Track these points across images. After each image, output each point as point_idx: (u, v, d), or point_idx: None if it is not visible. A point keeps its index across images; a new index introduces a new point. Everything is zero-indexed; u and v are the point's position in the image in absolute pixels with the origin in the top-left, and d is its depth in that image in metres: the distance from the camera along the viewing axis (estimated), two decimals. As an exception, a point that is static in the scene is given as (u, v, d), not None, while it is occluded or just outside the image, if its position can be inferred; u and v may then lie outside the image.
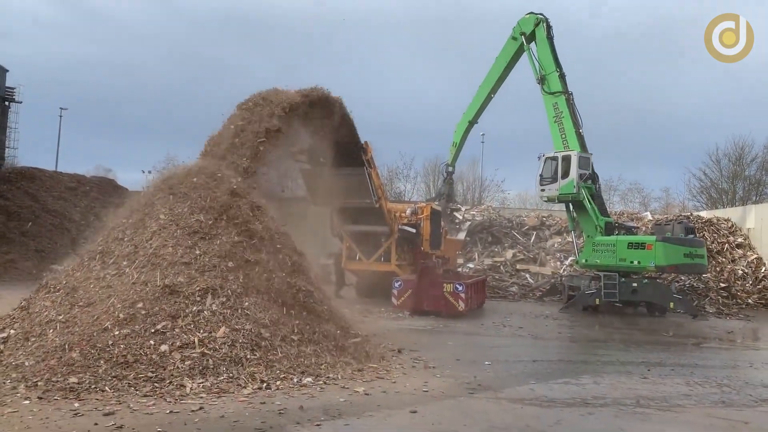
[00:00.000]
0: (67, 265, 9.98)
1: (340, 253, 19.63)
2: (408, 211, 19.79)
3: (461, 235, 27.77)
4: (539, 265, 26.89)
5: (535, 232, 29.02)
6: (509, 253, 27.73)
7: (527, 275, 26.27)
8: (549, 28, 20.97)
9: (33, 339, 8.15)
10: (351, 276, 20.51)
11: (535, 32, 21.16)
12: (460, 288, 16.54)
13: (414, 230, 18.90)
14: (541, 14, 21.21)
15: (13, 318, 8.93)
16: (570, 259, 26.22)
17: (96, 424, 6.03)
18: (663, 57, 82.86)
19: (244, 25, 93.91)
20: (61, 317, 8.41)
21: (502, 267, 26.71)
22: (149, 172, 61.35)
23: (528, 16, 21.48)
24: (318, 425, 6.36)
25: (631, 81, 78.85)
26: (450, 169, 25.59)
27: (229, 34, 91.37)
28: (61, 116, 56.24)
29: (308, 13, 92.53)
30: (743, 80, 72.80)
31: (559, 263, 26.90)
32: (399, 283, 17.01)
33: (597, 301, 19.01)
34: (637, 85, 78.40)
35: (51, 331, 8.18)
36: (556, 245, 28.27)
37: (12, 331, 8.48)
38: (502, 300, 22.83)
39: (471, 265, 26.77)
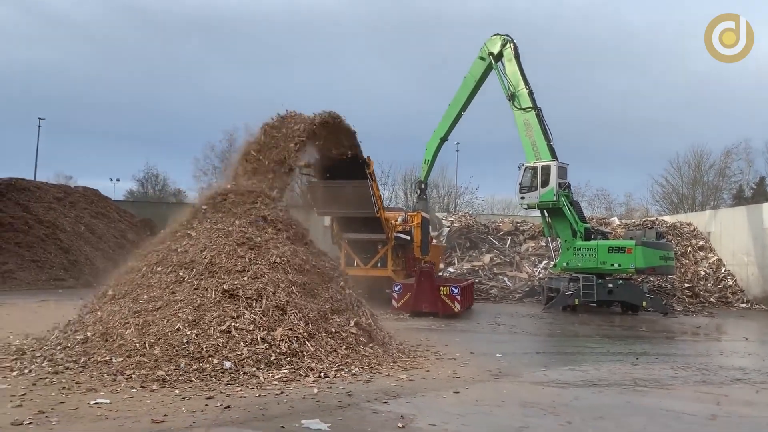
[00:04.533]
0: (123, 273, 10.98)
1: (338, 260, 20.84)
2: (399, 219, 21.16)
3: (442, 241, 29.28)
4: (515, 269, 28.56)
5: (510, 237, 30.73)
6: (486, 258, 29.36)
7: (505, 278, 27.89)
8: (515, 47, 22.33)
9: (111, 340, 9.16)
10: (346, 281, 21.74)
11: (502, 52, 22.50)
12: (456, 290, 17.97)
13: (408, 237, 20.28)
14: (507, 35, 22.49)
15: (84, 323, 9.90)
16: (544, 262, 27.98)
17: (206, 405, 7.15)
18: (627, 64, 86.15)
19: (205, 29, 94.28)
20: (133, 320, 9.42)
21: (480, 271, 28.26)
22: (117, 180, 61.50)
23: (494, 37, 22.69)
24: (386, 402, 7.62)
25: (597, 88, 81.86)
26: (423, 185, 25.73)
27: (188, 40, 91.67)
28: (39, 126, 56.26)
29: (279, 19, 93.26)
30: (703, 87, 76.43)
31: (533, 267, 28.64)
32: (399, 287, 18.33)
33: (576, 302, 20.65)
34: (602, 92, 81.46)
35: (128, 332, 9.18)
36: (530, 249, 30.01)
37: (89, 334, 9.47)
38: (485, 302, 24.33)
39: (452, 270, 28.25)
